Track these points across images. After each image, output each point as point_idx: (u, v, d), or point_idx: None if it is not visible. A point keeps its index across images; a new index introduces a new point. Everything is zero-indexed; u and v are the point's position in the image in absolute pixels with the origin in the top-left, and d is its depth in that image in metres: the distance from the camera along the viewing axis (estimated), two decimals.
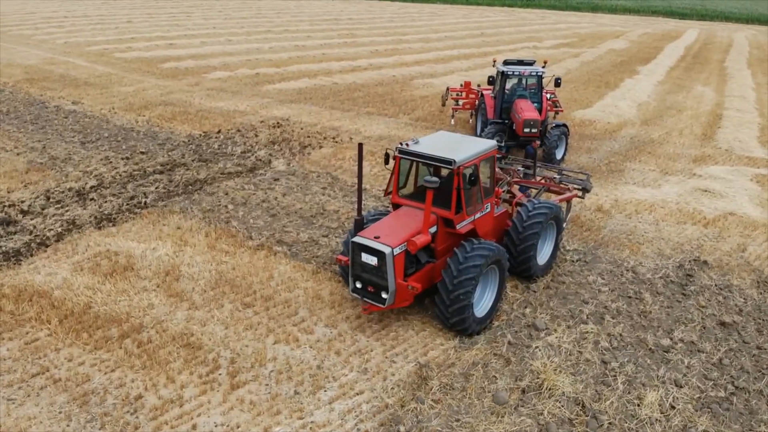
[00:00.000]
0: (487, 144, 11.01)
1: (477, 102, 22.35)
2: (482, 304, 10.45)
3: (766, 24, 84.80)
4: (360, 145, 10.20)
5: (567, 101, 27.82)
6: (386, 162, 10.94)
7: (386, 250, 9.45)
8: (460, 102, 23.93)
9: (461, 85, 24.93)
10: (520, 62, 20.68)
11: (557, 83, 20.14)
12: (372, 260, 9.62)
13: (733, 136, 23.10)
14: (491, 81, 20.63)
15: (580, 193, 14.54)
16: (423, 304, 11.00)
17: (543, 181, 14.62)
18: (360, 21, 67.18)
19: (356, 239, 9.79)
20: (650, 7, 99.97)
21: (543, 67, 20.41)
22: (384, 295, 9.77)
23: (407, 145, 10.57)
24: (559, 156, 19.36)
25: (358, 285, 10.07)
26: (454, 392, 9.00)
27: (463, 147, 10.61)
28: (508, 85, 20.16)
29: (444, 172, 11.07)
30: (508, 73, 19.85)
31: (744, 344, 10.36)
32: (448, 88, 24.90)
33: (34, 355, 9.48)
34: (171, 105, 25.74)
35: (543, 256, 12.23)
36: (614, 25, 73.89)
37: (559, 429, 8.29)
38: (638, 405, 8.77)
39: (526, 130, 18.79)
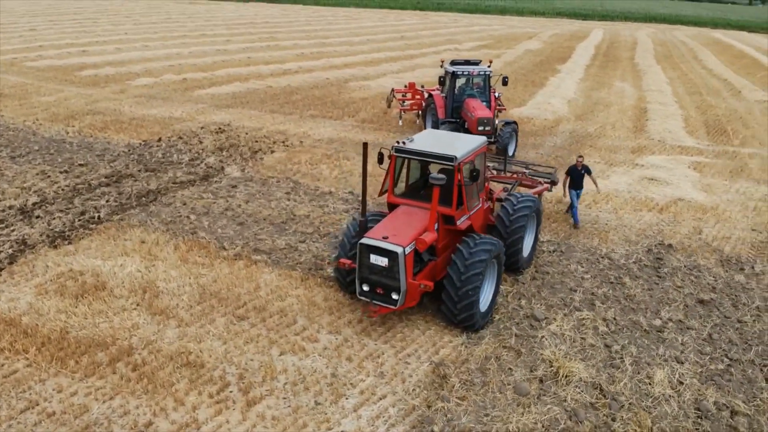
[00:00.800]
0: (479, 140, 11.11)
1: (425, 102, 22.53)
2: (484, 298, 10.50)
3: (662, 22, 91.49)
4: (365, 144, 10.00)
5: (503, 100, 28.64)
6: (380, 162, 10.78)
7: (398, 249, 9.28)
8: (407, 103, 24.04)
9: (405, 86, 25.08)
10: (467, 62, 21.10)
11: (504, 82, 20.69)
12: (382, 261, 9.42)
13: (663, 128, 24.67)
14: (442, 81, 20.86)
15: (549, 186, 14.97)
16: (421, 303, 10.88)
17: (515, 176, 14.93)
18: (277, 24, 66.19)
19: (364, 241, 9.55)
20: (555, 9, 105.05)
21: (488, 66, 20.92)
22: (395, 296, 9.59)
23: (404, 143, 10.45)
24: (510, 152, 19.86)
25: (365, 288, 9.83)
26: (475, 388, 8.96)
27: (458, 143, 10.63)
28: (458, 84, 20.48)
29: (433, 168, 11.03)
30: (458, 72, 20.17)
31: (726, 319, 11.02)
32: (393, 90, 24.96)
33: (16, 389, 8.54)
34: (100, 114, 24.16)
35: (526, 248, 12.48)
36: (524, 27, 77.01)
37: (586, 414, 8.44)
38: (650, 384, 9.10)
39: (480, 128, 19.14)
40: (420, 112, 23.75)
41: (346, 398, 8.69)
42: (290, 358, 9.49)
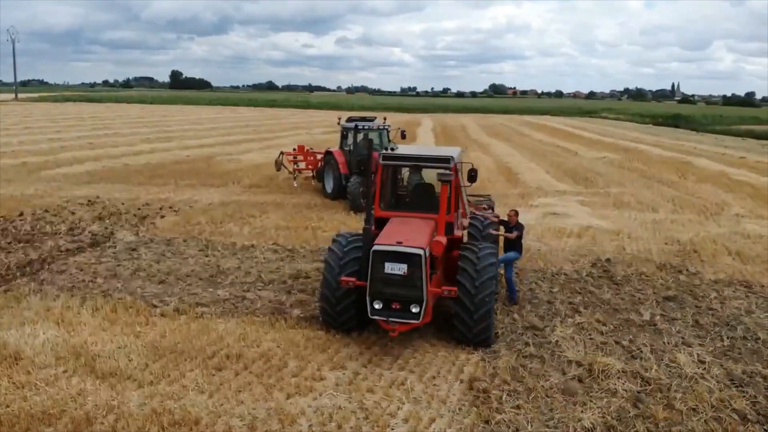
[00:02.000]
0: (456, 148, 10.73)
1: (322, 161, 21.93)
2: None
3: (475, 113, 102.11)
4: (369, 141, 9.05)
5: None
6: (368, 173, 9.85)
7: (419, 252, 8.28)
8: (301, 164, 23.30)
9: (294, 149, 24.39)
10: (364, 119, 21.21)
11: (403, 135, 21.01)
12: (399, 269, 8.32)
13: (534, 178, 26.60)
14: (344, 136, 20.56)
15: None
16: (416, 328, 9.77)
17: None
18: (107, 118, 62.32)
19: (378, 247, 8.41)
20: (382, 104, 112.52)
21: (384, 122, 21.20)
22: (414, 309, 8.46)
23: (392, 149, 9.70)
24: None
25: (377, 306, 8.57)
26: (522, 396, 8.01)
27: (441, 149, 10.16)
28: (361, 138, 20.35)
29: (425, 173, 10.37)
30: (361, 127, 20.13)
31: (698, 308, 11.41)
32: (282, 153, 24.12)
33: None
34: None
35: None
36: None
37: (648, 398, 7.90)
38: (677, 366, 8.88)
39: None
40: (315, 172, 23.08)
41: (392, 429, 7.22)
42: (302, 400, 7.78)
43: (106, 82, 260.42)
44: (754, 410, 7.71)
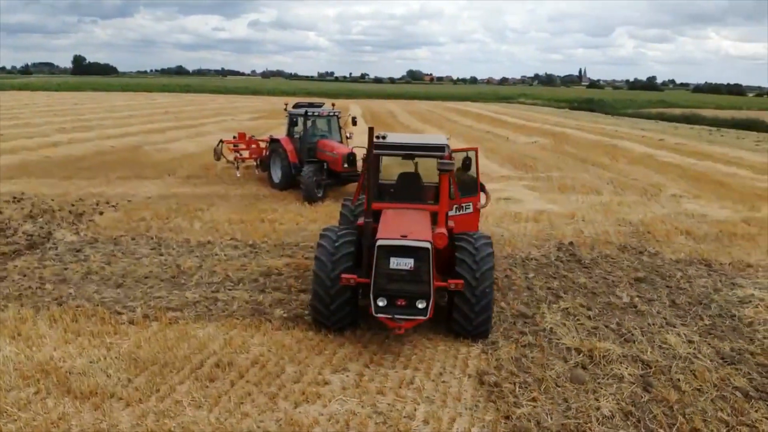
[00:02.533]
0: (443, 136, 10.42)
1: (267, 150, 21.03)
2: None
3: (397, 99, 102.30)
4: (371, 129, 8.56)
5: None
6: (352, 164, 9.34)
7: (427, 245, 7.94)
8: (244, 152, 22.24)
9: (235, 137, 23.27)
10: (312, 105, 20.52)
11: (354, 122, 20.49)
12: (406, 263, 7.95)
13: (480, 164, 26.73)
14: (295, 122, 19.71)
15: None
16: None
17: None
18: (11, 108, 57.14)
19: (383, 242, 7.98)
20: (305, 89, 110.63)
21: (333, 108, 20.59)
22: (420, 305, 8.12)
23: (384, 137, 9.26)
24: None
25: (381, 303, 8.16)
26: (532, 387, 7.90)
27: (430, 138, 9.82)
28: (311, 126, 19.65)
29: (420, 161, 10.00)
30: (311, 114, 19.43)
31: (668, 288, 11.77)
32: (221, 141, 22.92)
33: None
34: None
35: None
36: (277, 102, 79.13)
37: (654, 381, 8.00)
38: (671, 347, 9.08)
39: (346, 165, 18.42)
40: (258, 161, 22.14)
41: None
42: (311, 408, 7.30)
43: (3, 69, 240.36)
44: (752, 387, 7.98)
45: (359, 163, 18.22)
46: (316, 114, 19.60)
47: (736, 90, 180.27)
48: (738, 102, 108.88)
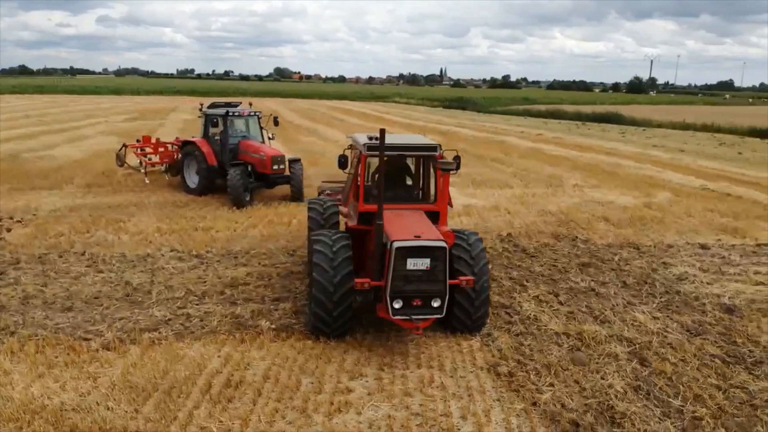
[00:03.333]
0: (420, 136, 10.51)
1: (181, 152, 19.82)
2: None
3: (271, 97, 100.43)
4: (382, 130, 8.39)
5: None
6: (344, 167, 9.17)
7: (443, 244, 8.03)
8: (152, 157, 20.78)
9: (138, 141, 21.69)
10: (229, 104, 19.70)
11: (276, 122, 19.93)
12: (422, 263, 7.97)
13: None
14: (215, 123, 18.70)
15: None
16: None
17: None
18: None
19: (401, 244, 7.92)
20: (168, 87, 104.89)
21: (250, 107, 19.92)
22: (435, 304, 8.20)
23: (376, 139, 9.17)
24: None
25: (397, 305, 8.12)
26: (546, 373, 8.30)
27: (415, 138, 9.89)
28: (231, 126, 18.83)
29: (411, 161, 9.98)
30: (232, 114, 18.63)
31: (612, 271, 12.82)
32: (124, 145, 21.27)
33: None
34: None
35: None
36: (144, 102, 74.87)
37: (649, 357, 8.73)
38: (643, 324, 9.95)
39: (275, 166, 18.02)
40: (167, 165, 20.84)
41: (458, 429, 7.00)
42: (347, 417, 7.14)
43: None
44: (724, 353, 8.99)
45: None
46: (236, 114, 18.83)
47: (583, 86, 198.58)
48: (590, 98, 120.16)
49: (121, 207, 17.55)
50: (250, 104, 20.79)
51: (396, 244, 7.93)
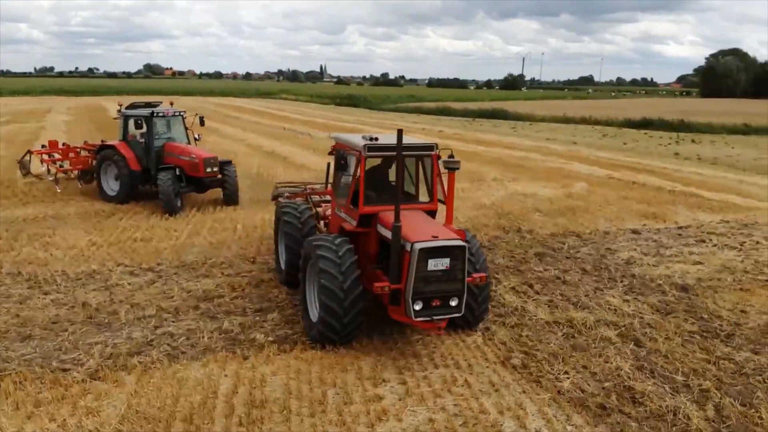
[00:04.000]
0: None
1: (98, 157, 18.18)
2: None
3: (146, 95, 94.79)
4: (399, 131, 8.17)
5: None
6: (343, 169, 8.89)
7: (463, 243, 8.06)
8: (63, 163, 18.89)
9: (44, 146, 19.63)
10: (149, 104, 18.42)
11: (202, 122, 18.90)
12: (442, 264, 7.94)
13: (309, 161, 26.62)
14: (139, 125, 17.32)
15: None
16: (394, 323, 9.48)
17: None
18: None
19: (422, 245, 7.82)
20: (39, 87, 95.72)
21: (171, 107, 18.77)
22: (453, 303, 8.20)
23: (376, 139, 8.97)
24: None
25: (417, 307, 8.03)
26: (557, 361, 8.64)
27: (409, 138, 9.79)
28: (156, 128, 17.60)
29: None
30: (157, 114, 17.41)
31: (567, 259, 13.54)
32: (29, 151, 19.17)
33: None
34: None
35: None
36: (11, 104, 68.01)
37: (641, 338, 9.34)
38: (618, 308, 10.62)
39: (208, 169, 17.10)
40: (80, 172, 19.09)
41: (502, 425, 7.10)
42: (390, 425, 7.00)
43: None
44: (698, 329, 9.84)
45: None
46: (161, 114, 17.63)
47: (458, 84, 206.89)
48: (468, 95, 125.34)
49: (38, 220, 15.85)
50: (171, 103, 19.57)
51: (417, 246, 7.85)
